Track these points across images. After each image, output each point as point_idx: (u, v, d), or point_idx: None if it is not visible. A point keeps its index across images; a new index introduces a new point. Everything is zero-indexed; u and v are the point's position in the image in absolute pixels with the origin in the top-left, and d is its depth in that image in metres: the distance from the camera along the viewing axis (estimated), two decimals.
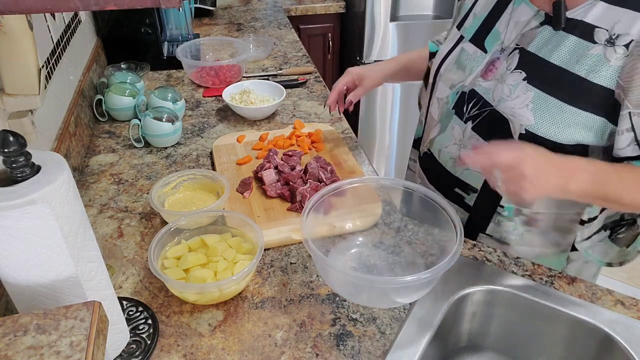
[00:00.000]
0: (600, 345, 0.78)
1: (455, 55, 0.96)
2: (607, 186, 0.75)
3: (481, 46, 0.92)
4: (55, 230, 0.53)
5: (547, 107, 0.81)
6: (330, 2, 2.51)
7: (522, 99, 0.83)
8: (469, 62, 0.93)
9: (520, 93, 0.83)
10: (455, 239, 0.78)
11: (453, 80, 0.96)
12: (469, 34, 0.95)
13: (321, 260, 0.74)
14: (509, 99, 0.84)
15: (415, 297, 0.79)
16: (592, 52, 0.77)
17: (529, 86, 0.82)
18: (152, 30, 1.61)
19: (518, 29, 0.86)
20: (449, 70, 0.97)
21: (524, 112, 0.82)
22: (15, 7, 0.44)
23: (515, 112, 0.83)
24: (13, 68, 0.78)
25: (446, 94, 0.97)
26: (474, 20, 0.95)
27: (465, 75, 0.93)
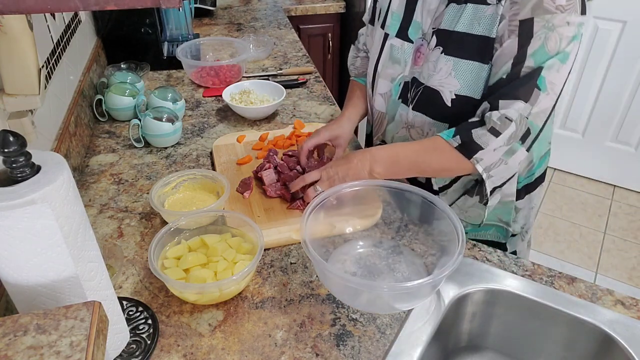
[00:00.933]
0: (600, 345, 0.78)
1: (387, 52, 1.05)
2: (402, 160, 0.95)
3: (406, 38, 1.02)
4: (55, 230, 0.53)
5: (464, 70, 0.92)
6: (330, 2, 2.51)
7: (445, 70, 0.93)
8: (401, 55, 1.03)
9: (442, 65, 0.94)
10: (457, 241, 0.78)
11: (392, 74, 1.05)
12: (392, 30, 1.04)
13: (320, 265, 0.74)
14: (434, 73, 0.95)
15: (415, 303, 0.79)
16: (486, 13, 0.88)
17: (448, 57, 0.93)
18: (152, 30, 1.61)
19: (431, 15, 0.97)
20: (386, 66, 1.06)
21: (450, 80, 0.93)
22: (15, 7, 0.44)
23: (443, 82, 0.94)
24: (13, 68, 0.78)
25: (388, 88, 1.07)
26: (393, 18, 1.04)
27: (402, 67, 1.03)
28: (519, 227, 1.10)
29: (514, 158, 0.89)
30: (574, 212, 2.63)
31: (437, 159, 0.93)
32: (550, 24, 0.82)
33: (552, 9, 0.81)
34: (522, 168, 1.02)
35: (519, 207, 1.07)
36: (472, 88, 0.92)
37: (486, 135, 0.87)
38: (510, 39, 0.85)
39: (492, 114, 0.87)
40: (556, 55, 0.83)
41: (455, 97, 0.93)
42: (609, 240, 2.46)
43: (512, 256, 0.91)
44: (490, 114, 0.87)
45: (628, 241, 2.45)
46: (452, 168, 0.93)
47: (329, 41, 2.59)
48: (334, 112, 1.42)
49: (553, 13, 0.82)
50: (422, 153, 0.94)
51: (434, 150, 0.92)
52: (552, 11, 0.82)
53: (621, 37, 2.45)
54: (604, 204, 2.71)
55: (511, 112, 0.85)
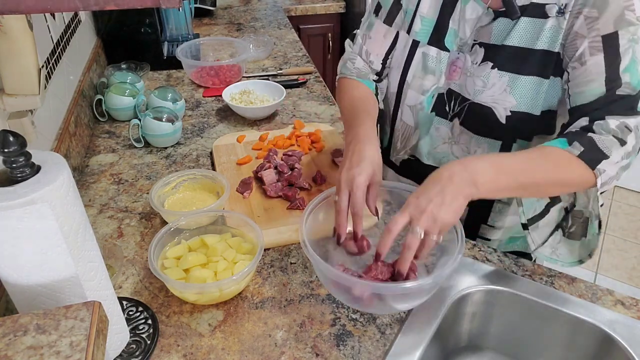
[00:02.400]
0: (600, 345, 0.78)
1: (419, 61, 0.97)
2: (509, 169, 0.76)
3: (442, 47, 0.94)
4: (55, 230, 0.53)
5: (522, 86, 0.86)
6: (330, 2, 2.51)
7: (498, 86, 0.88)
8: (436, 65, 0.95)
9: (495, 81, 0.88)
10: (457, 241, 0.78)
11: (424, 85, 0.97)
12: (424, 37, 0.96)
13: (319, 265, 0.74)
14: (485, 89, 0.89)
15: (414, 303, 0.79)
16: (547, 26, 0.83)
17: (501, 72, 0.87)
18: (152, 30, 1.61)
19: (470, 25, 0.90)
20: (417, 77, 0.98)
21: (505, 96, 0.88)
22: (15, 7, 0.44)
23: (497, 99, 0.88)
24: (13, 68, 0.78)
25: (419, 100, 0.98)
26: (423, 23, 0.96)
27: (437, 77, 0.96)
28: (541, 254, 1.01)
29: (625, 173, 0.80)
30: None
31: (554, 169, 0.78)
32: (635, 36, 0.78)
33: (634, 20, 0.77)
34: None
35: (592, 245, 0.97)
36: (530, 104, 0.86)
37: (611, 142, 0.77)
38: (595, 56, 0.79)
39: (608, 122, 0.78)
40: None
41: (511, 113, 0.88)
42: (609, 240, 2.46)
43: (512, 256, 0.91)
44: (605, 122, 0.78)
45: (628, 241, 2.45)
46: (574, 181, 0.79)
47: (329, 41, 2.59)
48: (334, 112, 1.42)
49: (636, 25, 0.77)
50: (533, 161, 0.78)
51: (547, 159, 0.79)
52: (634, 23, 0.77)
53: None
54: (604, 204, 2.70)
55: (631, 120, 0.78)
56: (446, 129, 0.97)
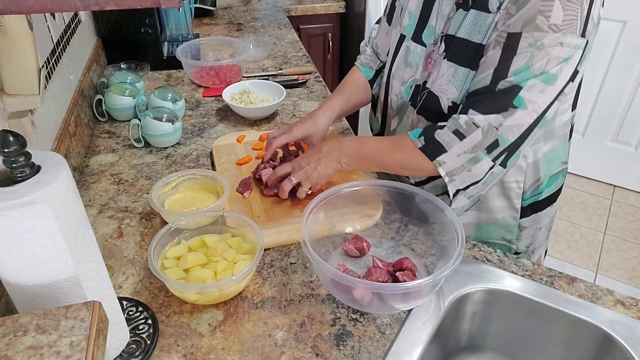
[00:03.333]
0: (600, 345, 0.78)
1: (402, 55, 1.04)
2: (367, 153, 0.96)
3: (420, 42, 0.99)
4: (55, 230, 0.53)
5: (461, 78, 0.90)
6: (330, 2, 2.51)
7: (446, 76, 0.92)
8: (414, 59, 1.01)
9: (444, 71, 0.92)
10: (457, 241, 0.78)
11: (403, 77, 1.04)
12: (408, 32, 1.02)
13: (319, 265, 0.74)
14: (437, 79, 0.94)
15: (414, 303, 0.79)
16: (487, 21, 0.86)
17: (450, 63, 0.91)
18: (152, 30, 1.61)
19: (443, 20, 0.94)
20: (399, 69, 1.05)
21: (448, 87, 0.92)
22: (15, 7, 0.44)
23: (443, 89, 0.93)
24: (13, 68, 0.78)
25: (400, 90, 1.05)
26: (410, 19, 1.02)
27: (414, 70, 1.01)
28: (523, 246, 1.07)
29: (477, 166, 0.85)
30: (574, 212, 2.63)
31: (402, 157, 0.92)
32: (538, 43, 0.78)
33: (544, 27, 0.77)
34: (527, 185, 0.98)
35: (523, 226, 1.03)
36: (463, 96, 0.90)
37: (449, 137, 0.85)
38: (494, 49, 0.82)
39: (459, 116, 0.85)
40: (539, 75, 0.79)
41: (452, 104, 0.91)
42: (609, 240, 2.46)
43: (512, 256, 0.91)
44: (457, 117, 0.85)
45: (628, 241, 2.45)
46: (414, 168, 0.92)
47: (329, 41, 2.59)
48: None
49: (544, 32, 0.77)
50: (389, 150, 0.94)
51: (400, 148, 0.92)
52: (543, 29, 0.77)
53: (621, 37, 2.45)
54: (604, 204, 2.71)
55: (479, 118, 0.83)
56: (411, 117, 1.03)
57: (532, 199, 1.01)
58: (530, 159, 0.96)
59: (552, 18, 0.76)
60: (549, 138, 0.95)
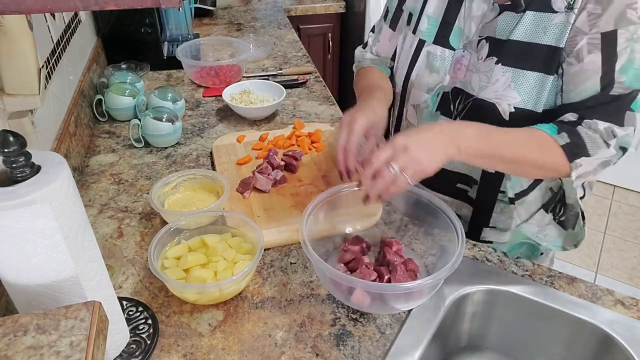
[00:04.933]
0: (600, 345, 0.78)
1: (424, 60, 0.98)
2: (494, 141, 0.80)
3: (447, 45, 0.95)
4: (55, 230, 0.53)
5: (526, 82, 0.86)
6: (330, 2, 2.51)
7: (502, 81, 0.87)
8: (440, 64, 0.96)
9: (499, 76, 0.87)
10: (457, 241, 0.78)
11: (429, 84, 0.98)
12: (429, 36, 0.97)
13: (319, 265, 0.74)
14: (489, 85, 0.89)
15: (414, 304, 0.79)
16: (555, 21, 0.82)
17: (505, 68, 0.87)
18: (152, 30, 1.61)
19: (476, 22, 0.91)
20: (422, 76, 0.99)
21: (508, 92, 0.87)
22: (15, 7, 0.44)
23: (500, 95, 0.88)
24: (13, 68, 0.78)
25: (424, 99, 1.00)
26: (429, 23, 0.97)
27: (441, 76, 0.96)
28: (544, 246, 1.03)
29: (604, 170, 0.83)
30: None
31: (534, 150, 0.81)
32: (635, 36, 0.77)
33: (636, 19, 0.77)
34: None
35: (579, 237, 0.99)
36: (533, 100, 0.86)
37: (598, 141, 0.80)
38: (592, 54, 0.79)
39: (597, 122, 0.80)
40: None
41: (515, 110, 0.87)
42: (609, 240, 2.46)
43: (512, 256, 0.91)
44: (594, 122, 0.80)
45: (628, 241, 2.45)
46: (551, 167, 0.82)
47: (329, 41, 2.59)
48: (334, 112, 1.42)
49: (636, 24, 0.77)
50: (517, 139, 0.82)
51: (532, 140, 0.82)
52: (635, 22, 0.77)
53: None
54: (604, 204, 2.71)
55: (617, 129, 0.80)
56: None
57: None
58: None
59: (639, 9, 0.77)
60: None
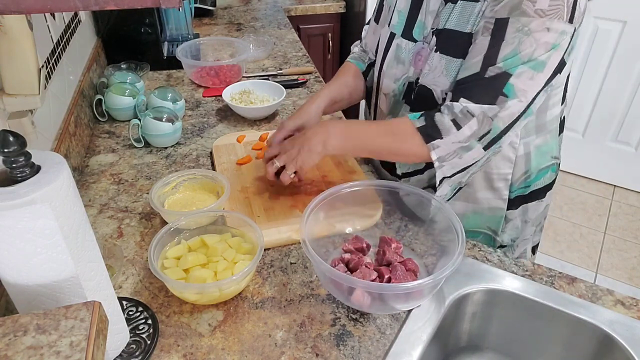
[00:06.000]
0: (600, 345, 0.78)
1: (393, 52, 1.03)
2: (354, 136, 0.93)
3: (411, 38, 1.00)
4: (55, 230, 0.53)
5: (454, 69, 0.90)
6: (330, 2, 2.51)
7: (438, 68, 0.92)
8: (406, 55, 1.01)
9: (436, 63, 0.93)
10: (457, 241, 0.78)
11: (396, 74, 1.03)
12: (398, 30, 1.02)
13: (319, 265, 0.74)
14: (429, 72, 0.94)
15: (414, 304, 0.79)
16: (475, 9, 0.87)
17: (441, 55, 0.92)
18: (152, 30, 1.61)
19: (432, 16, 0.95)
20: (390, 66, 1.04)
21: (441, 78, 0.92)
22: (15, 7, 0.44)
23: (436, 81, 0.93)
24: (13, 68, 0.78)
25: (392, 88, 1.05)
26: (399, 17, 1.02)
27: (406, 67, 1.01)
28: (508, 239, 1.07)
29: (469, 154, 0.87)
30: (574, 212, 2.63)
31: (393, 140, 0.90)
32: (526, 28, 0.78)
33: (531, 12, 0.77)
34: (516, 176, 1.00)
35: (509, 218, 1.04)
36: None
37: (448, 124, 0.85)
38: (483, 35, 0.83)
39: (453, 104, 0.85)
40: (528, 62, 0.79)
41: (447, 96, 0.91)
42: (609, 240, 2.46)
43: (512, 256, 0.91)
44: (451, 104, 0.85)
45: (628, 241, 2.45)
46: (405, 152, 0.91)
47: (329, 41, 2.59)
48: None
49: (530, 17, 0.77)
50: (380, 132, 0.92)
51: (393, 131, 0.90)
52: (529, 14, 0.77)
53: (621, 37, 2.45)
54: (604, 204, 2.71)
55: (473, 107, 0.83)
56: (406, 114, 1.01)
57: (519, 191, 1.03)
58: (521, 151, 0.97)
59: (538, 3, 0.77)
60: (540, 131, 0.97)
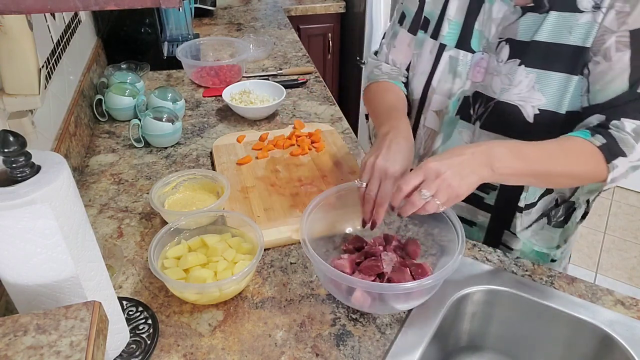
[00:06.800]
0: (600, 345, 0.78)
1: (445, 65, 0.96)
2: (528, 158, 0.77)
3: (469, 49, 0.93)
4: (55, 230, 0.53)
5: (550, 83, 0.84)
6: (330, 2, 2.51)
7: (526, 83, 0.85)
8: (462, 68, 0.94)
9: (522, 78, 0.86)
10: (457, 241, 0.78)
11: (451, 89, 0.96)
12: (451, 41, 0.95)
13: (319, 265, 0.74)
14: (511, 87, 0.87)
15: (414, 303, 0.79)
16: (581, 20, 0.81)
17: (528, 69, 0.85)
18: (152, 30, 1.61)
19: (496, 24, 0.89)
20: (444, 81, 0.96)
21: (532, 93, 0.85)
22: (15, 7, 0.44)
23: (524, 97, 0.86)
24: (13, 68, 0.78)
25: (445, 105, 0.98)
26: (450, 27, 0.95)
27: (463, 80, 0.94)
28: (559, 253, 1.03)
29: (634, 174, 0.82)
30: None
31: (568, 161, 0.79)
32: None
33: None
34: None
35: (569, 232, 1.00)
36: (557, 102, 0.84)
37: (629, 142, 0.78)
38: (620, 52, 0.78)
39: (623, 123, 0.78)
40: None
41: (539, 112, 0.85)
42: (608, 240, 2.46)
43: (512, 256, 0.91)
44: (621, 123, 0.78)
45: (628, 241, 2.45)
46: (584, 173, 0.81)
47: (329, 41, 2.59)
48: (333, 112, 1.42)
49: None
50: (550, 152, 0.79)
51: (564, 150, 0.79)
52: None
53: None
54: (604, 204, 2.70)
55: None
56: (469, 133, 0.96)
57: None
58: None
59: None
60: None
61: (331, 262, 0.85)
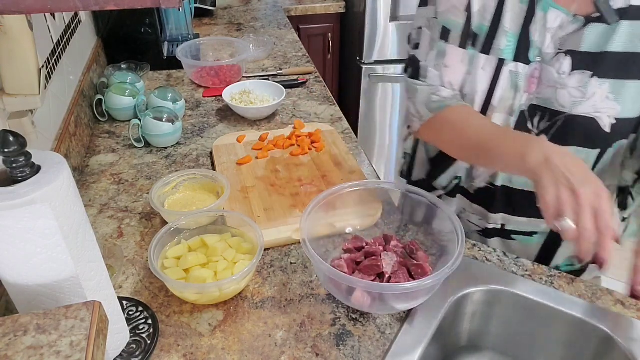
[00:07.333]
0: (600, 345, 0.78)
1: (506, 81, 0.89)
2: None
3: (526, 61, 0.88)
4: (55, 230, 0.53)
5: (627, 92, 0.82)
6: (330, 2, 2.51)
7: (600, 94, 0.83)
8: (522, 82, 0.89)
9: (596, 89, 0.83)
10: (457, 241, 0.78)
11: (514, 105, 0.90)
12: (509, 54, 0.88)
13: (319, 265, 0.74)
14: (584, 100, 0.84)
15: (414, 303, 0.79)
16: None
17: (601, 80, 0.83)
18: (152, 30, 1.61)
19: (551, 34, 0.85)
20: (506, 98, 0.90)
21: (608, 103, 0.83)
22: (15, 7, 0.44)
23: (599, 108, 0.84)
24: (13, 68, 0.78)
25: (507, 123, 0.92)
26: (508, 39, 0.87)
27: (522, 94, 0.90)
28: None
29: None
30: None
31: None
32: None
33: None
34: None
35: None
36: (632, 108, 0.83)
37: None
38: None
39: None
40: None
41: (616, 121, 0.84)
42: None
43: (512, 256, 0.91)
44: None
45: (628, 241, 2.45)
46: None
47: (329, 41, 2.59)
48: (333, 112, 1.42)
49: None
50: None
51: None
52: None
53: None
54: None
55: None
56: None
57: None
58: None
59: None
60: None
61: (331, 262, 0.85)
